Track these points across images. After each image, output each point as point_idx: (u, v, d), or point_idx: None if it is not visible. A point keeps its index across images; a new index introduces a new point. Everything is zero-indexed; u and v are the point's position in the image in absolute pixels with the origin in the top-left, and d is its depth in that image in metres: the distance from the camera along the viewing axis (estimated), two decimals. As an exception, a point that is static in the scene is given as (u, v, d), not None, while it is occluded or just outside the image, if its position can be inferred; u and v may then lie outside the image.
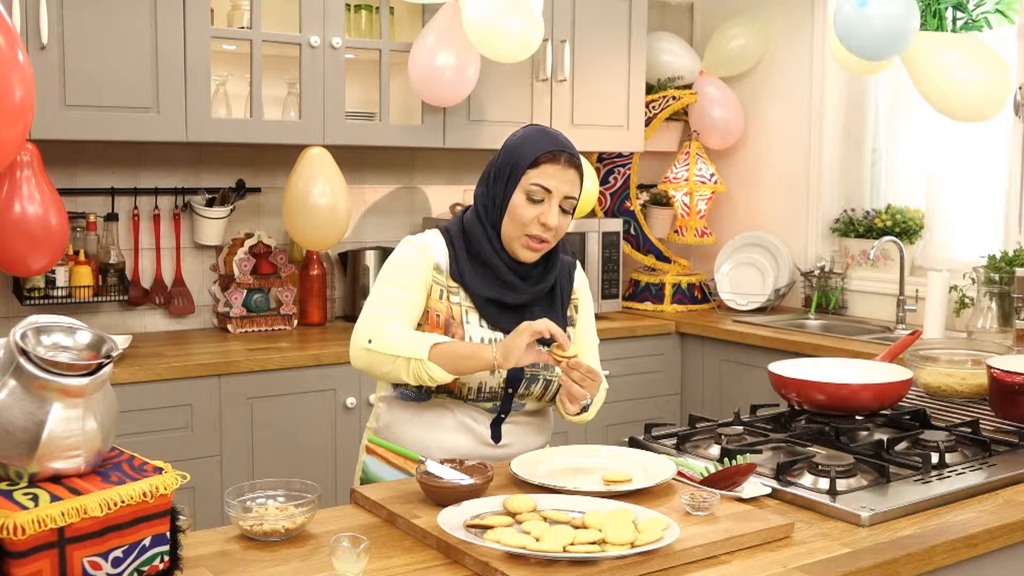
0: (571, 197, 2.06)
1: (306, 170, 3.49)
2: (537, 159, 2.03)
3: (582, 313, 2.23)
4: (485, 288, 2.07)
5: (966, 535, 1.69)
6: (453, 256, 2.09)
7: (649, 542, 1.50)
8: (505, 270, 2.07)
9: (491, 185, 2.09)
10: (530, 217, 2.03)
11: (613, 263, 4.13)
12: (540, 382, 2.10)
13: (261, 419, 3.23)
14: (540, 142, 2.05)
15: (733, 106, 4.53)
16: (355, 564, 1.46)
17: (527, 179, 2.03)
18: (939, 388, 2.54)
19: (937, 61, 3.38)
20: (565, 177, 2.04)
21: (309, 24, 3.45)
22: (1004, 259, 3.51)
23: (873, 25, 3.25)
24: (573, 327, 2.20)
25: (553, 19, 3.92)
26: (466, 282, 2.07)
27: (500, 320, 2.07)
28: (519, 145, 2.07)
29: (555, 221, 2.04)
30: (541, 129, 2.10)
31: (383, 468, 2.13)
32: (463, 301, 2.07)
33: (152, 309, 3.65)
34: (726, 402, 3.89)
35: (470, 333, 2.05)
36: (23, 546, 1.26)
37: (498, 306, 2.07)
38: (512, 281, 2.08)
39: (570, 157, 2.05)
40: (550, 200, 2.03)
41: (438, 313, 2.06)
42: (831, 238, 4.36)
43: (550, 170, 2.03)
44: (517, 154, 2.05)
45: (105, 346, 1.42)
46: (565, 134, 2.13)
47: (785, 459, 1.97)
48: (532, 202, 2.03)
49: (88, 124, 3.13)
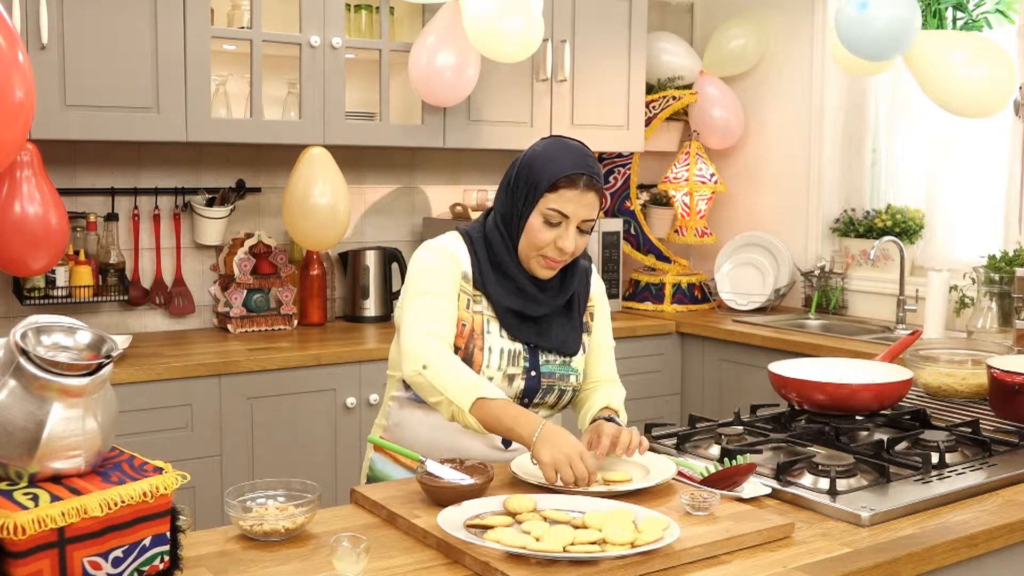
0: (589, 220, 2.01)
1: (306, 170, 3.49)
2: (556, 183, 1.97)
3: (599, 319, 2.21)
4: (506, 298, 2.04)
5: (966, 535, 1.69)
6: (476, 264, 2.05)
7: (649, 542, 1.50)
8: (525, 280, 2.05)
9: (509, 196, 2.05)
10: (547, 240, 1.99)
11: (613, 263, 4.13)
12: (555, 392, 2.10)
13: (261, 419, 3.23)
14: (560, 163, 1.98)
15: (733, 106, 4.53)
16: (355, 564, 1.46)
17: (545, 203, 1.98)
18: (939, 388, 2.54)
19: (942, 59, 3.38)
20: (584, 201, 1.98)
21: (309, 24, 3.45)
22: (1004, 259, 3.51)
23: (874, 27, 3.25)
24: (588, 334, 2.18)
25: (553, 19, 3.92)
26: (488, 291, 2.04)
27: (519, 331, 2.05)
28: (539, 164, 2.00)
29: (572, 246, 1.99)
30: (563, 145, 2.02)
31: (389, 465, 2.13)
32: (485, 311, 2.04)
33: (152, 309, 3.65)
34: (726, 402, 3.89)
35: (490, 344, 2.02)
36: (23, 546, 1.26)
37: (518, 316, 2.05)
38: (532, 292, 2.05)
39: (590, 180, 1.98)
40: (568, 224, 1.98)
41: (464, 323, 2.02)
42: (831, 238, 4.36)
43: (568, 195, 1.97)
44: (536, 174, 1.99)
45: (105, 346, 1.42)
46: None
47: (785, 459, 1.97)
48: (549, 225, 1.98)
49: (88, 124, 3.13)
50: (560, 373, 2.09)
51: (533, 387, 2.06)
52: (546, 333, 2.07)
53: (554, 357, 2.09)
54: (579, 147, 2.03)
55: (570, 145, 2.03)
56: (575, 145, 2.04)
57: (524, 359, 2.05)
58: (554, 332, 2.08)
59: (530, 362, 2.06)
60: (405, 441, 2.11)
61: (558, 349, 2.09)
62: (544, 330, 2.07)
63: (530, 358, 2.06)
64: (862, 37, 3.29)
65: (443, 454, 2.04)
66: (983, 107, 3.39)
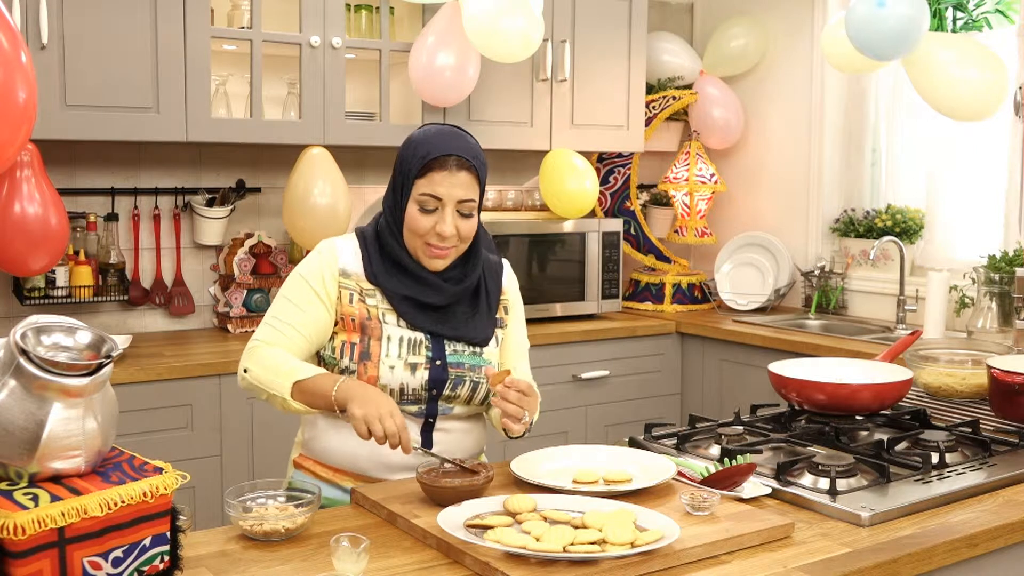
0: (466, 200, 1.96)
1: (306, 170, 3.49)
2: (424, 167, 1.94)
3: (513, 315, 2.15)
4: (400, 287, 2.00)
5: (966, 535, 1.69)
6: (367, 258, 2.03)
7: (649, 542, 1.50)
8: (421, 271, 2.01)
9: (391, 190, 2.02)
10: (426, 227, 1.95)
11: (613, 263, 4.13)
12: (467, 384, 2.01)
13: (261, 419, 3.23)
14: (427, 147, 1.95)
15: (733, 106, 4.53)
16: (355, 564, 1.46)
17: (416, 189, 1.94)
18: (939, 388, 2.54)
19: (934, 61, 3.38)
20: (455, 182, 1.93)
21: (309, 24, 3.45)
22: (1004, 259, 3.51)
23: (886, 25, 3.24)
24: (503, 328, 2.12)
25: (553, 19, 3.92)
26: (380, 283, 2.01)
27: (418, 319, 2.00)
28: (409, 151, 1.97)
29: (450, 229, 1.94)
30: (436, 131, 1.99)
31: (309, 481, 2.00)
32: (380, 303, 2.01)
33: (152, 309, 3.65)
34: (726, 402, 3.89)
35: (388, 333, 1.98)
36: (23, 546, 1.26)
37: (415, 304, 2.00)
38: (429, 280, 2.00)
39: (459, 160, 1.94)
40: (443, 208, 1.94)
41: (352, 318, 1.99)
42: (831, 238, 4.36)
43: (438, 177, 1.93)
44: (407, 162, 1.96)
45: (105, 346, 1.42)
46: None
47: (785, 459, 1.97)
48: (425, 212, 1.94)
49: (88, 124, 3.13)
50: (471, 364, 2.02)
51: (439, 377, 1.99)
52: (448, 321, 2.02)
53: (462, 347, 2.03)
54: (451, 130, 2.00)
55: (442, 129, 2.00)
56: (447, 129, 2.00)
57: (427, 348, 1.99)
58: (458, 321, 2.03)
59: (434, 351, 2.00)
60: (322, 455, 2.05)
61: (464, 338, 2.02)
62: (446, 318, 2.01)
63: (433, 347, 2.00)
64: (873, 35, 3.28)
65: (362, 460, 1.99)
66: (974, 110, 3.39)
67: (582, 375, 3.87)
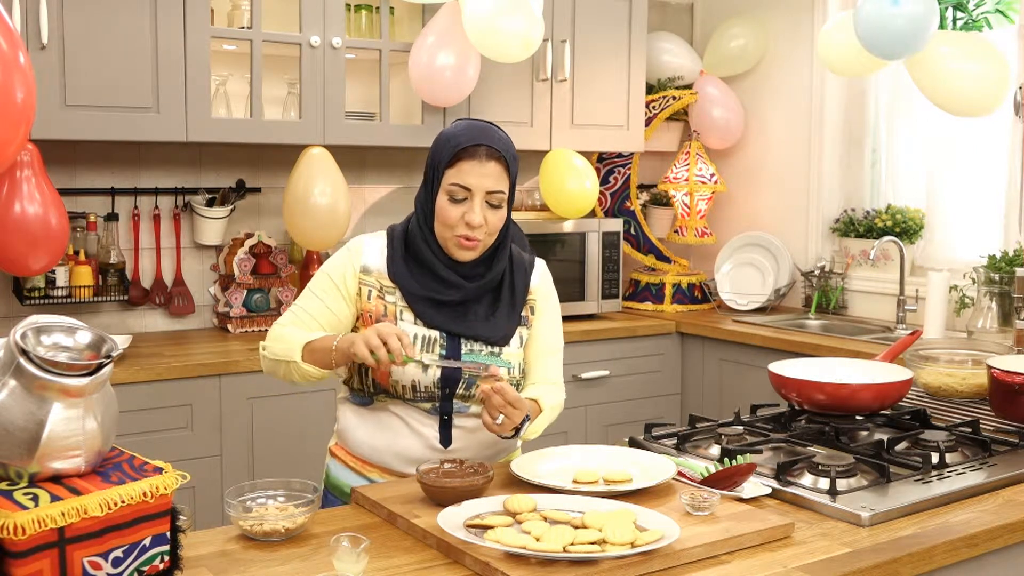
0: (496, 191, 1.98)
1: (306, 170, 3.49)
2: (454, 158, 1.97)
3: (541, 314, 2.14)
4: (417, 286, 2.02)
5: (966, 535, 1.69)
6: (391, 256, 2.05)
7: (649, 542, 1.50)
8: (444, 269, 2.02)
9: (423, 186, 2.05)
10: (455, 218, 1.97)
11: (613, 263, 4.13)
12: None
13: (261, 419, 3.23)
14: (456, 138, 1.98)
15: (733, 106, 4.53)
16: (355, 564, 1.46)
17: (447, 179, 1.97)
18: (939, 388, 2.54)
19: (934, 56, 3.38)
20: (484, 172, 1.96)
21: (309, 24, 3.45)
22: (1004, 259, 3.51)
23: (896, 24, 3.24)
24: (527, 327, 2.12)
25: (553, 19, 3.92)
26: (398, 282, 2.03)
27: (435, 318, 2.01)
28: (440, 144, 2.01)
29: (479, 219, 1.95)
30: (466, 124, 2.02)
31: (343, 471, 2.10)
32: (398, 301, 2.03)
33: (152, 309, 3.65)
34: (726, 402, 3.89)
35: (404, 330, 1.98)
36: (23, 546, 1.26)
37: (431, 303, 2.02)
38: (449, 279, 2.01)
39: (489, 150, 1.97)
40: (472, 198, 1.96)
41: (370, 314, 2.03)
42: (831, 238, 4.36)
43: (467, 167, 1.96)
44: (438, 154, 2.00)
45: (105, 346, 1.42)
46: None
47: (785, 459, 1.97)
48: (455, 202, 1.97)
49: (88, 124, 3.13)
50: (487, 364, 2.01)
51: (451, 375, 1.99)
52: (465, 320, 2.02)
53: (479, 346, 2.03)
54: (481, 123, 2.03)
55: (473, 123, 2.03)
56: (477, 123, 2.03)
57: (441, 347, 2.00)
58: (475, 320, 2.03)
59: (448, 350, 2.00)
60: (352, 446, 2.10)
61: (481, 337, 2.03)
62: (463, 317, 2.02)
63: (448, 346, 2.01)
64: (883, 34, 3.27)
65: (384, 455, 2.03)
66: (975, 106, 3.38)
67: (582, 375, 3.87)
